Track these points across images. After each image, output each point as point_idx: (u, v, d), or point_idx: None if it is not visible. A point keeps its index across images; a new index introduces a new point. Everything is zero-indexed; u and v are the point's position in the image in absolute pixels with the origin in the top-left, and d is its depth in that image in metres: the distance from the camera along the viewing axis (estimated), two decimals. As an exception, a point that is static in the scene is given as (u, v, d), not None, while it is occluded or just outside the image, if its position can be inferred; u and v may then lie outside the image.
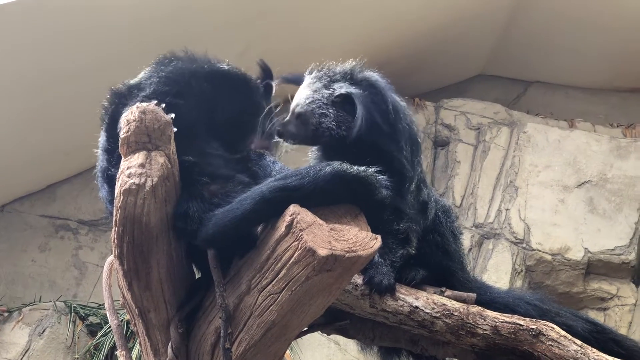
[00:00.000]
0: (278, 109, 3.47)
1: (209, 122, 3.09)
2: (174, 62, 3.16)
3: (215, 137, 3.13)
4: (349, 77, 3.49)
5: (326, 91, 3.47)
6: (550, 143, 8.38)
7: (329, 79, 3.49)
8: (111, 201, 2.92)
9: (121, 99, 3.03)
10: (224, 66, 3.27)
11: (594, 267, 7.88)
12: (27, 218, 8.27)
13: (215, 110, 3.14)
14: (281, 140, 3.49)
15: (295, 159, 3.62)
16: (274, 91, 3.41)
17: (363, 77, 3.50)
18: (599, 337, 3.56)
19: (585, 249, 7.84)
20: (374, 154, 3.29)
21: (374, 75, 3.53)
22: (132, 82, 3.11)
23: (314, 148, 3.64)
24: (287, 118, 3.51)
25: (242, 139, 3.27)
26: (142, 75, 3.14)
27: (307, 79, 3.52)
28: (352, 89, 3.42)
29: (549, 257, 7.84)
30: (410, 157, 3.47)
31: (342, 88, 3.44)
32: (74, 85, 6.83)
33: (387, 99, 3.45)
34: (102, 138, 3.08)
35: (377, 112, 3.39)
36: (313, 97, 3.46)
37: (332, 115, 3.41)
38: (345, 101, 3.42)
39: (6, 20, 6.22)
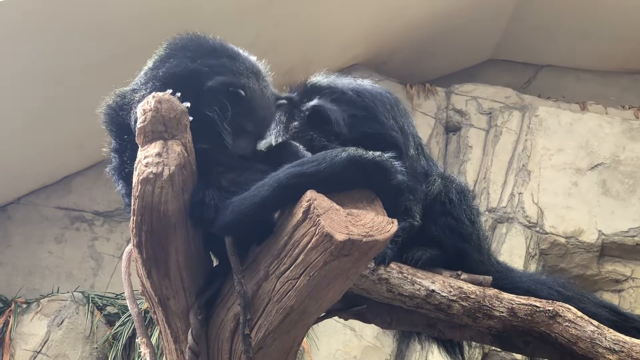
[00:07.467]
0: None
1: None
2: (168, 61, 3.05)
3: None
4: (308, 92, 3.54)
5: (295, 114, 3.51)
6: (562, 126, 8.37)
7: (291, 106, 3.52)
8: (128, 194, 2.94)
9: (122, 105, 3.01)
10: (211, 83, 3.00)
11: (608, 249, 7.88)
12: (43, 210, 8.32)
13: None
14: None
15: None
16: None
17: (315, 86, 3.55)
18: (620, 325, 3.54)
19: (599, 231, 7.83)
20: (365, 141, 3.28)
21: (322, 78, 3.58)
22: (128, 88, 3.07)
23: None
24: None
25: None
26: (137, 79, 3.09)
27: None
28: (315, 102, 3.48)
29: (562, 240, 7.84)
30: (396, 124, 3.49)
31: (307, 104, 3.50)
32: (87, 78, 6.86)
33: (345, 88, 3.50)
34: (112, 143, 3.08)
35: (345, 107, 3.42)
36: (292, 126, 3.51)
37: (315, 135, 3.45)
38: (315, 114, 3.47)
39: (19, 13, 6.24)
